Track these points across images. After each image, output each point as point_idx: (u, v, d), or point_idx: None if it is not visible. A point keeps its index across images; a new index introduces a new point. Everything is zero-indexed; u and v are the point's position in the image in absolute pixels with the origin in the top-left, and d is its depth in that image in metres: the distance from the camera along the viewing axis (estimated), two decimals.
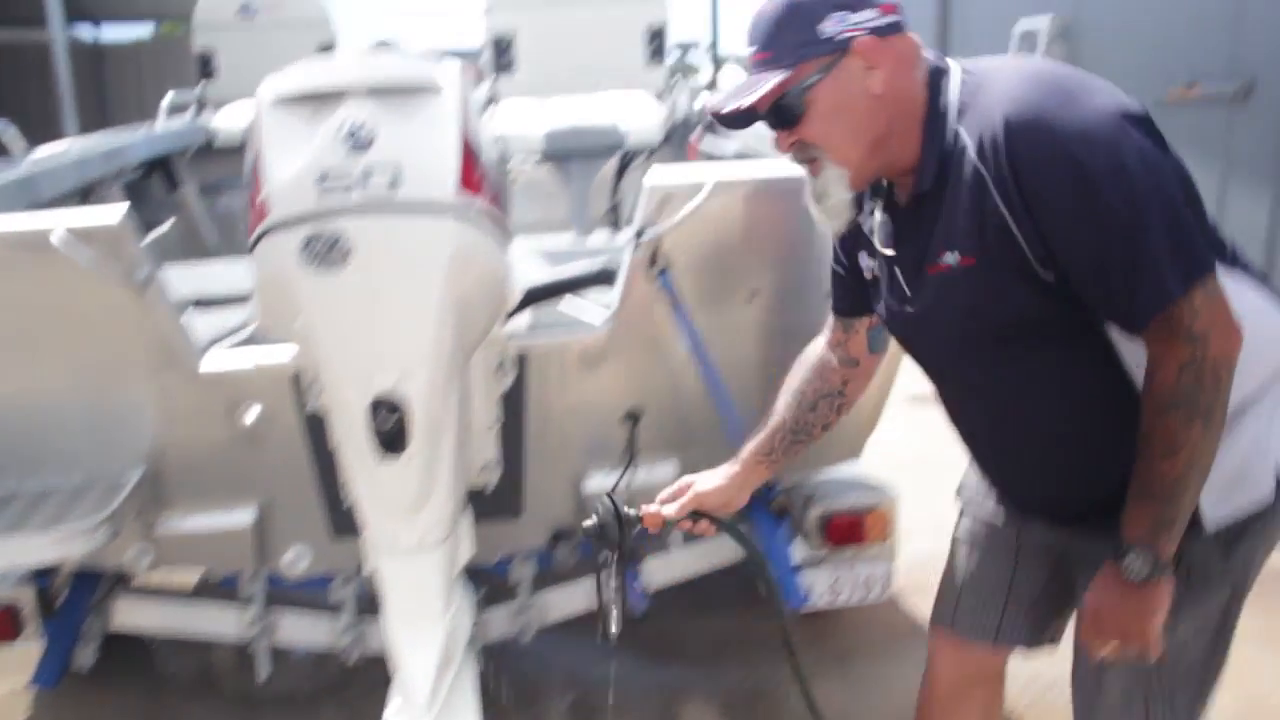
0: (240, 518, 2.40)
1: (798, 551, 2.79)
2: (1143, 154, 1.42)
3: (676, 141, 4.04)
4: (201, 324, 2.58)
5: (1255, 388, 1.58)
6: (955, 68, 1.58)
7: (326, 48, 4.93)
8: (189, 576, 2.81)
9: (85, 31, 17.68)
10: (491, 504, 2.46)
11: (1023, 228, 1.45)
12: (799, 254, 2.38)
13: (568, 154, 3.54)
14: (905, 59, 1.55)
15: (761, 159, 3.48)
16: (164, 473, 2.32)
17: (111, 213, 2.01)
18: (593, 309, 2.49)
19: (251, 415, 2.27)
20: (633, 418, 2.50)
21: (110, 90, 16.18)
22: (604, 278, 2.42)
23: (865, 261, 1.79)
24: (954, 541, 2.01)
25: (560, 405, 2.46)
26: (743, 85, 1.58)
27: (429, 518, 1.83)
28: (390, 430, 1.70)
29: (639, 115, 3.52)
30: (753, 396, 2.39)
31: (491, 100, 3.79)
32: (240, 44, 4.92)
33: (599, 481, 2.55)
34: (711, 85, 15.75)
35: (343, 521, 2.34)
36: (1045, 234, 1.44)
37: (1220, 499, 1.57)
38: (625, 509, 1.75)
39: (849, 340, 1.93)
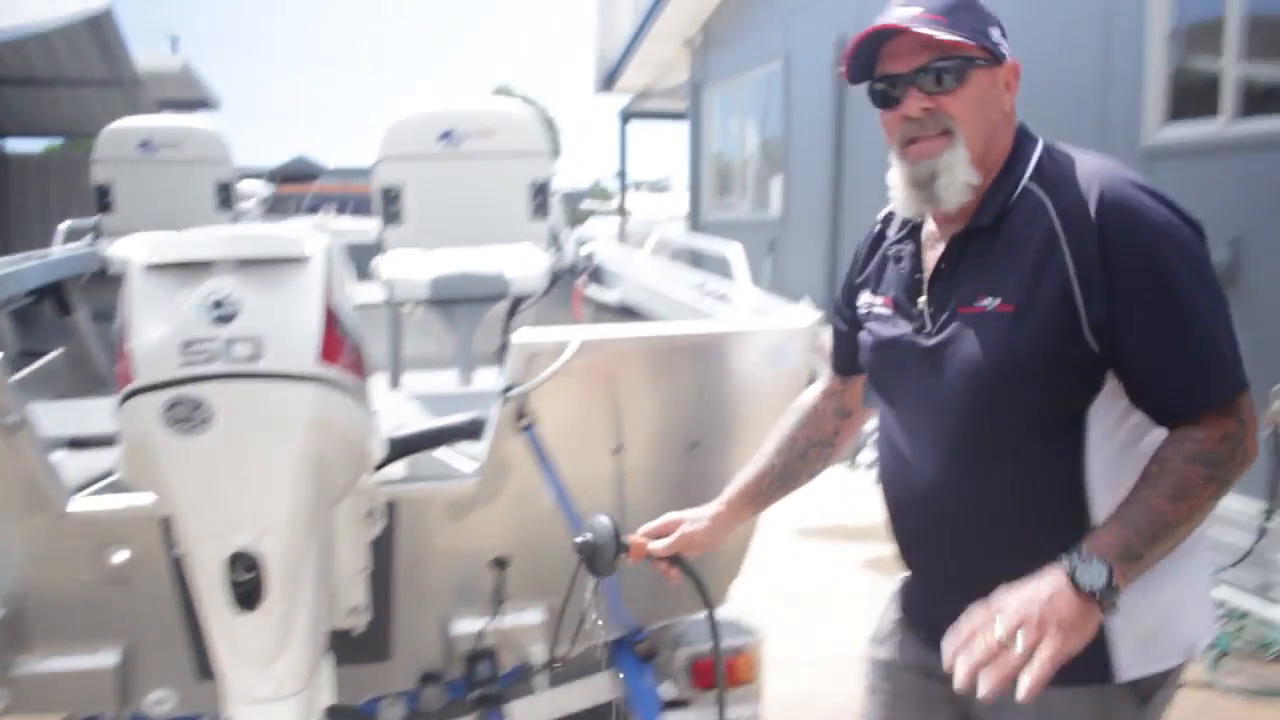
0: (104, 659, 2.40)
1: (665, 693, 2.86)
2: (1210, 265, 1.58)
3: (566, 285, 4.20)
4: (76, 464, 2.61)
5: (1186, 541, 1.64)
6: (1040, 140, 1.73)
7: (225, 185, 5.01)
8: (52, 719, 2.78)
9: None
10: (360, 646, 2.49)
11: (1086, 292, 1.54)
12: (662, 409, 2.50)
13: (453, 299, 3.66)
14: (1014, 105, 1.72)
15: (637, 316, 3.65)
16: (25, 614, 2.32)
17: None
18: (464, 458, 2.58)
19: (119, 558, 2.30)
20: (500, 564, 2.58)
21: (13, 196, 16.11)
22: (473, 430, 2.51)
23: (865, 297, 1.87)
24: (866, 692, 2.02)
25: (429, 551, 2.52)
26: (920, 17, 1.63)
27: (285, 669, 1.88)
28: (247, 585, 1.76)
29: (523, 264, 3.66)
30: None
31: (379, 249, 3.91)
32: (139, 178, 4.96)
33: (467, 625, 2.61)
34: (620, 210, 16.07)
35: (209, 663, 2.36)
36: (1118, 307, 1.54)
37: (1135, 655, 1.65)
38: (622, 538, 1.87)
39: (845, 392, 2.03)
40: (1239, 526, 5.26)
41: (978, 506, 1.67)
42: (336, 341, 1.75)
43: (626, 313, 3.76)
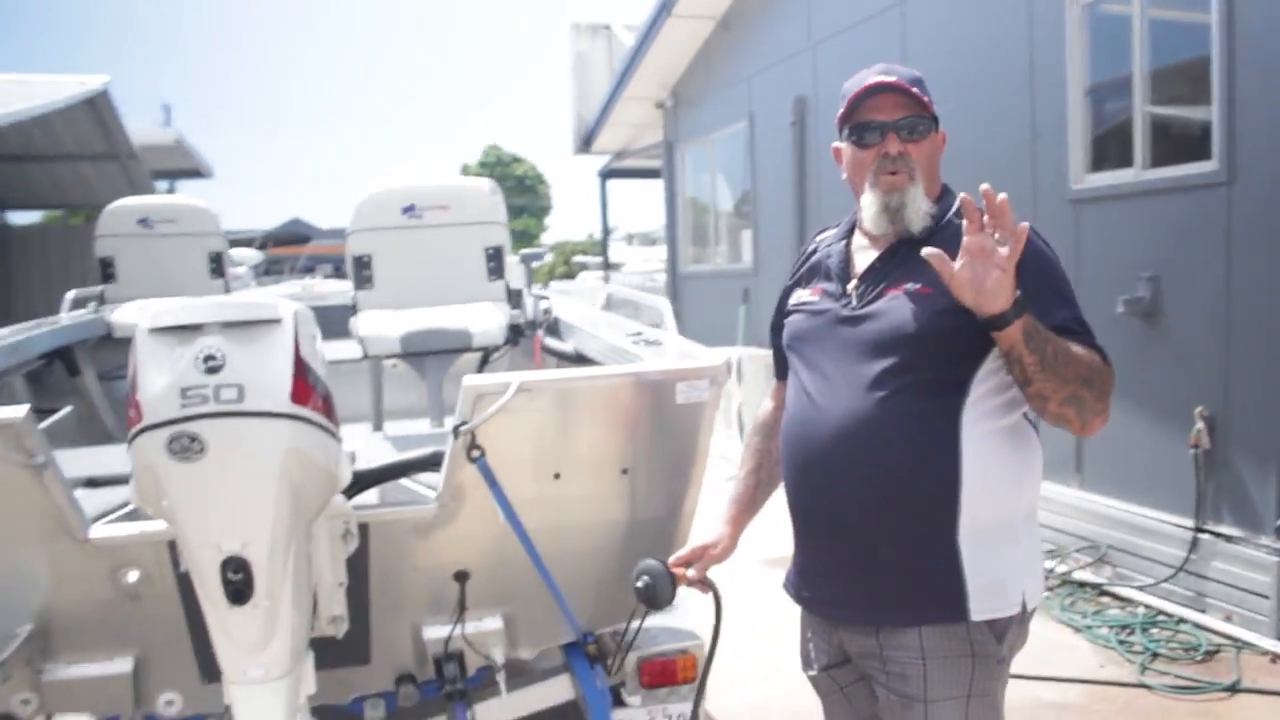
0: (120, 666, 2.74)
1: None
2: None
3: (530, 338, 4.62)
4: (93, 500, 3.00)
5: (1024, 514, 2.20)
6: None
7: (217, 255, 5.44)
8: None
9: None
10: (343, 652, 2.82)
11: None
12: (592, 441, 2.85)
13: (422, 351, 4.07)
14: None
15: (588, 362, 4.03)
16: (52, 627, 2.68)
17: (16, 410, 2.47)
18: (427, 487, 2.96)
19: (132, 577, 2.68)
20: (461, 577, 2.93)
21: (15, 265, 16.68)
22: (434, 462, 2.90)
23: (796, 294, 2.39)
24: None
25: (399, 567, 2.86)
26: (902, 83, 2.19)
27: (272, 655, 2.23)
28: (237, 584, 2.12)
29: (482, 319, 4.06)
30: (565, 557, 2.86)
31: (354, 310, 4.31)
32: (139, 251, 5.36)
33: (435, 631, 2.96)
34: (605, 264, 16.55)
35: (212, 668, 2.68)
36: (1026, 293, 1.99)
37: (983, 601, 2.12)
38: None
39: None
40: (1173, 542, 5.64)
41: (878, 430, 2.11)
42: (306, 386, 2.13)
43: (580, 359, 4.15)
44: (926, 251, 1.97)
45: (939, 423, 2.11)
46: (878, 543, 2.15)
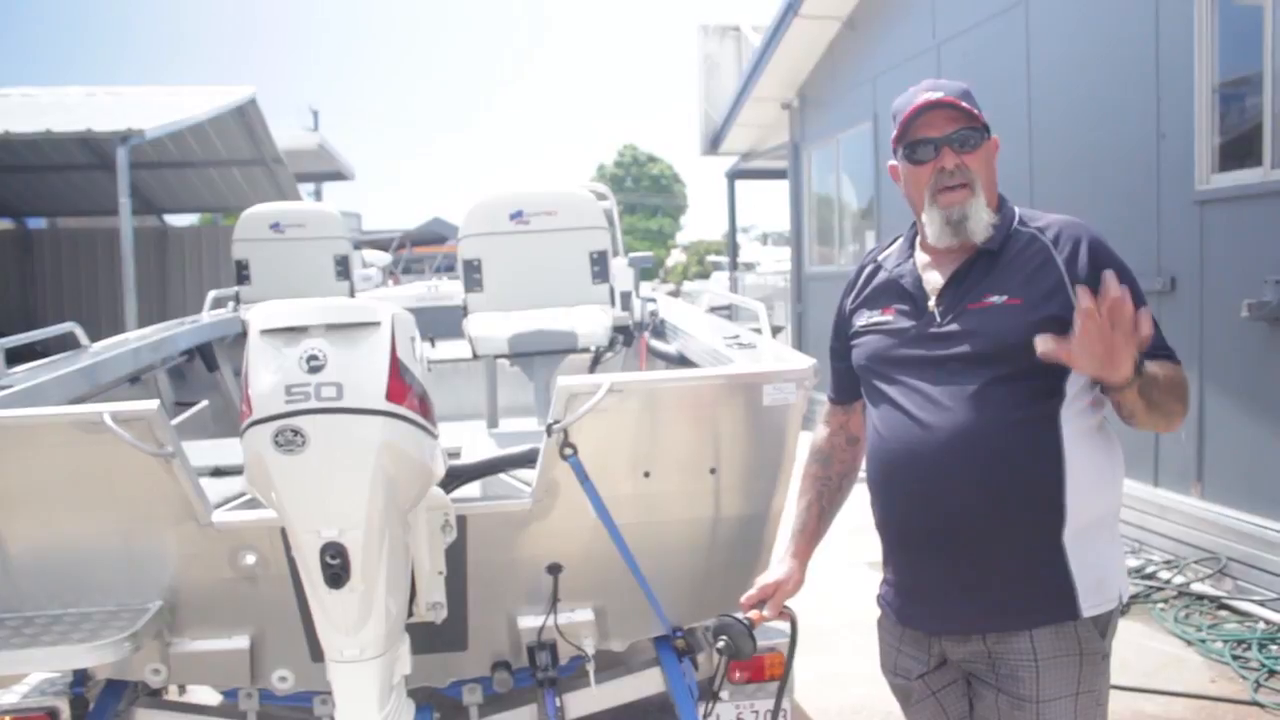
0: (238, 642, 2.95)
1: (701, 686, 3.30)
2: None
3: (637, 340, 4.75)
4: (217, 487, 3.22)
5: (1114, 510, 2.30)
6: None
7: (343, 258, 5.71)
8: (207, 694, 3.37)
9: (151, 220, 19.20)
10: (441, 637, 2.97)
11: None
12: (681, 440, 2.94)
13: (529, 352, 4.23)
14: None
15: (690, 364, 4.13)
16: (179, 604, 2.90)
17: (149, 404, 2.69)
18: (524, 485, 3.10)
19: (249, 560, 2.88)
20: (555, 570, 3.04)
21: (170, 260, 17.74)
22: (529, 459, 3.03)
23: (864, 316, 2.43)
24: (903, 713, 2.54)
25: (495, 558, 2.99)
26: (952, 98, 2.25)
27: (366, 637, 2.37)
28: (335, 568, 2.27)
29: (588, 321, 4.19)
30: (655, 553, 2.95)
31: (465, 311, 4.49)
32: (271, 254, 5.68)
33: (530, 621, 3.08)
34: (732, 264, 16.58)
35: (320, 647, 2.86)
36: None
37: (1089, 597, 2.21)
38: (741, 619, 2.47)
39: (849, 420, 2.58)
40: None
41: (990, 440, 2.17)
42: (401, 386, 2.27)
43: (683, 361, 4.25)
44: (1041, 351, 2.01)
45: (1044, 427, 2.19)
46: (991, 551, 2.20)
